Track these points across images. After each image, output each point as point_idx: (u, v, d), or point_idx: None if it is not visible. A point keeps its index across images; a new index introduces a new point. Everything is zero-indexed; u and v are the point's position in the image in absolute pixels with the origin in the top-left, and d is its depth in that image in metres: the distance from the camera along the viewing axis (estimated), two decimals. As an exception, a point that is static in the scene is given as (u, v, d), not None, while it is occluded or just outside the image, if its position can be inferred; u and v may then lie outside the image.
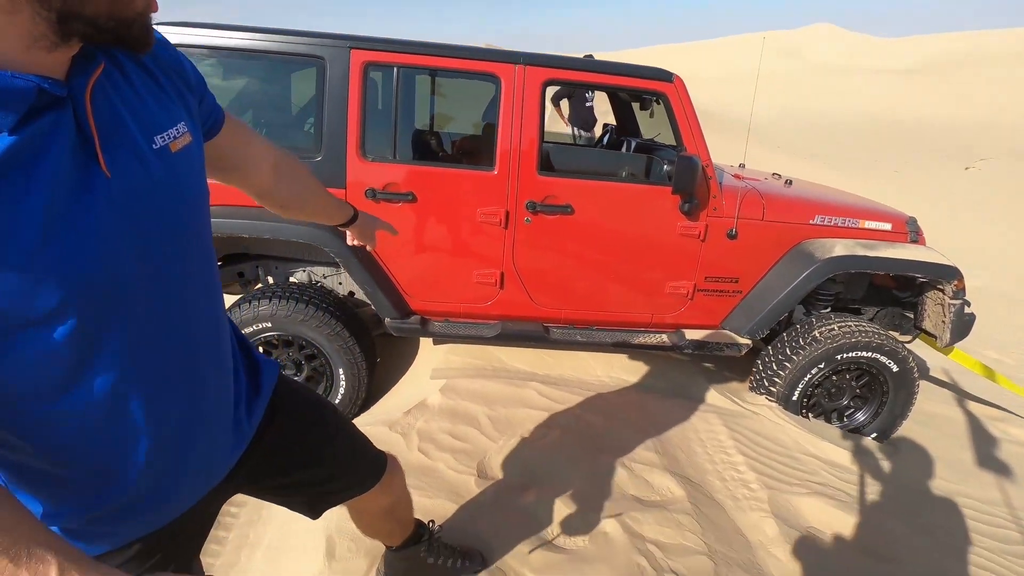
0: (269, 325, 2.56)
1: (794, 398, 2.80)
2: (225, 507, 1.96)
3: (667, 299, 2.79)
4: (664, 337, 2.85)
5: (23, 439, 0.66)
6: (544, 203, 2.58)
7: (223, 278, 2.83)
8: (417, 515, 1.47)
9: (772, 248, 2.78)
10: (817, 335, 2.74)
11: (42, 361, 0.61)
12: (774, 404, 2.83)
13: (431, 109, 3.86)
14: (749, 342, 2.81)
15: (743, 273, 2.79)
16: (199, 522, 0.94)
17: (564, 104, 6.17)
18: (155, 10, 0.63)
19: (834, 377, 2.86)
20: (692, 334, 2.85)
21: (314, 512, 1.18)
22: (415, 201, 2.55)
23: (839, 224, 2.81)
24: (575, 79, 2.56)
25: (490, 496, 1.84)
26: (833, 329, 2.73)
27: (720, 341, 2.81)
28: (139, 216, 0.67)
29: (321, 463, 1.11)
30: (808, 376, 2.76)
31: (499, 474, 1.97)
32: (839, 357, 2.71)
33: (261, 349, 2.68)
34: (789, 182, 3.19)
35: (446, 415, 2.30)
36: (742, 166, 3.66)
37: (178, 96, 0.77)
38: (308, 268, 2.87)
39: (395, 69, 2.49)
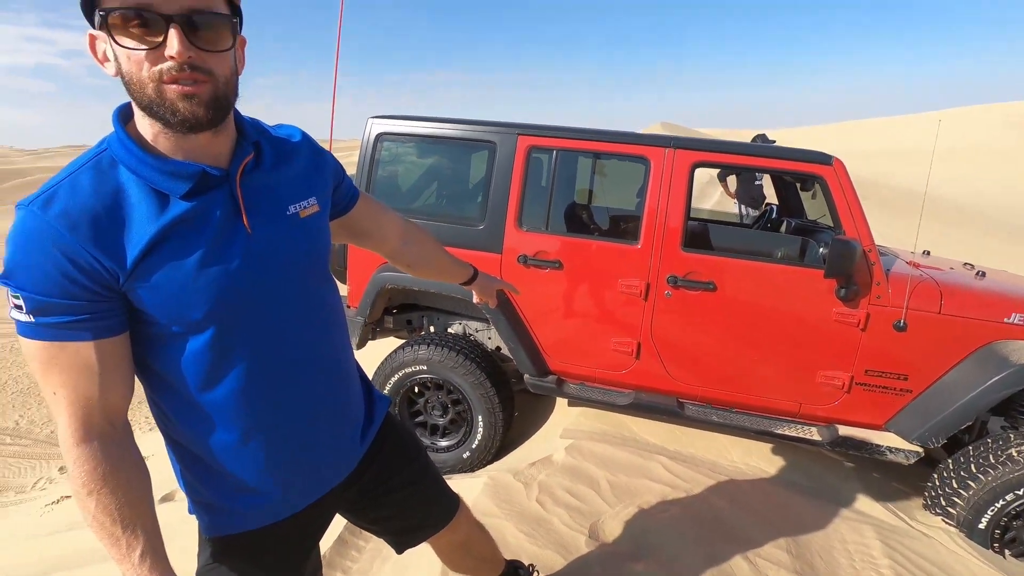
0: (424, 368, 2.92)
1: (981, 526, 2.36)
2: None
3: (819, 389, 2.60)
4: (814, 431, 2.63)
5: (176, 418, 0.95)
6: (686, 278, 2.63)
7: (396, 324, 3.31)
8: (523, 559, 1.57)
9: (953, 346, 2.46)
10: (1015, 454, 2.31)
11: (190, 358, 0.90)
12: (953, 529, 2.41)
13: (589, 185, 4.15)
14: (920, 450, 2.47)
15: (914, 370, 2.50)
16: (306, 531, 1.12)
17: (731, 180, 6.10)
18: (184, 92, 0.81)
19: (1042, 510, 2.36)
20: (848, 431, 2.59)
21: (399, 546, 1.35)
22: (561, 268, 2.77)
23: (1048, 326, 2.41)
24: (725, 162, 2.63)
25: (597, 557, 1.86)
26: (1038, 450, 2.29)
27: (882, 444, 2.51)
28: (269, 261, 0.94)
29: (410, 498, 1.29)
30: (1001, 502, 2.32)
31: (610, 538, 1.99)
32: (1046, 485, 2.25)
33: (416, 389, 3.05)
34: (982, 274, 2.81)
35: (568, 473, 2.39)
36: (926, 253, 3.30)
37: (314, 178, 1.06)
38: (464, 322, 3.23)
39: (554, 152, 2.81)
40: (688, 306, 2.66)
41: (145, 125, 0.84)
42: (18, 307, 0.80)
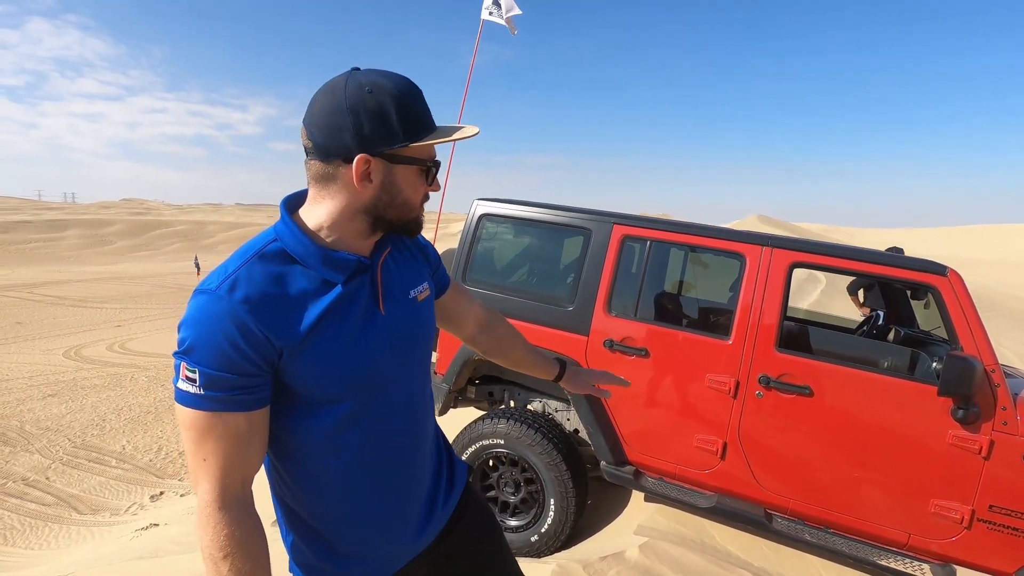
0: (502, 442, 2.94)
1: None
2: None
3: (931, 521, 2.33)
4: (926, 568, 2.34)
5: (295, 483, 1.04)
6: (779, 380, 2.53)
7: (478, 395, 3.39)
8: None
9: (1099, 489, 2.15)
10: None
11: (320, 428, 0.99)
12: None
13: (680, 277, 4.15)
14: (1060, 610, 2.12)
15: (1050, 513, 2.19)
16: None
17: (860, 293, 5.88)
18: (437, 189, 1.06)
19: None
20: (968, 575, 2.28)
21: None
22: (647, 357, 2.76)
23: None
24: (825, 264, 2.57)
25: (669, 674, 1.73)
26: None
27: (1012, 596, 2.18)
28: (398, 339, 1.06)
29: (484, 569, 1.30)
30: None
31: (684, 655, 1.84)
32: None
33: (491, 463, 3.06)
34: None
35: (640, 572, 2.26)
36: (1064, 379, 2.96)
37: (424, 265, 1.21)
38: (544, 400, 3.25)
39: (648, 242, 2.88)
40: (781, 409, 2.54)
41: (315, 216, 0.99)
42: (191, 380, 0.88)
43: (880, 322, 3.53)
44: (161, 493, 10.11)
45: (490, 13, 5.37)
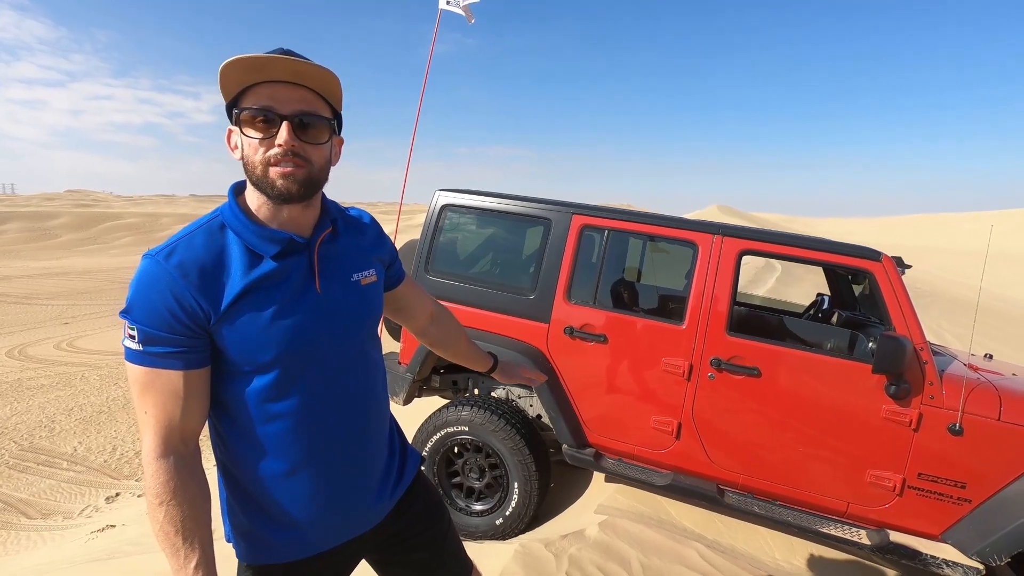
0: (466, 429, 2.99)
1: (1053, 662, 2.16)
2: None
3: (868, 490, 2.51)
4: (863, 534, 2.51)
5: (233, 445, 1.08)
6: (730, 362, 2.65)
7: (443, 384, 3.43)
8: None
9: (1014, 456, 2.35)
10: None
11: (254, 394, 1.04)
12: (1021, 662, 2.21)
13: (638, 265, 4.27)
14: (980, 567, 2.31)
15: (972, 478, 2.38)
16: (334, 570, 1.20)
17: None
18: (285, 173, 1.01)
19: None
20: (900, 538, 2.46)
21: None
22: (606, 343, 2.85)
23: (1122, 443, 2.27)
24: (772, 251, 2.70)
25: (625, 640, 1.83)
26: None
27: (938, 556, 2.37)
28: (332, 318, 1.10)
29: (430, 560, 1.36)
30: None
31: (639, 623, 1.94)
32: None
33: (455, 450, 3.12)
34: (1049, 382, 2.70)
35: (600, 549, 2.36)
36: (988, 356, 3.19)
37: (374, 254, 1.25)
38: (507, 388, 3.31)
39: (606, 232, 2.96)
40: (731, 390, 2.67)
41: (253, 197, 1.06)
42: (132, 337, 0.97)
43: (825, 306, 3.72)
44: (117, 494, 9.79)
45: (447, 2, 5.28)
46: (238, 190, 1.08)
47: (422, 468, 1.42)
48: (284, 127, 0.98)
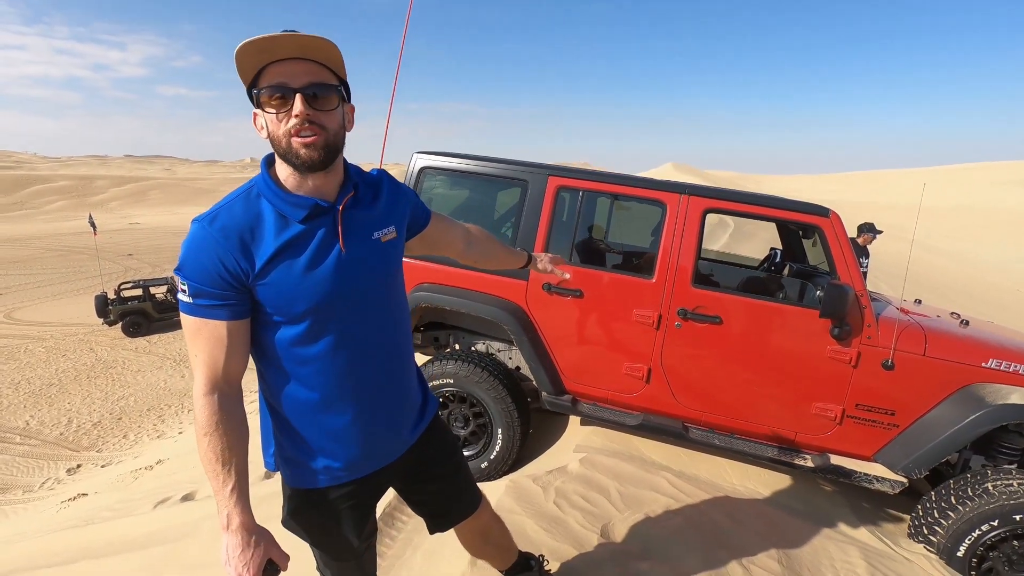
0: (451, 382, 3.17)
1: (959, 554, 2.57)
2: (396, 515, 2.49)
3: (813, 420, 2.84)
4: (808, 458, 2.86)
5: (275, 384, 1.24)
6: (695, 311, 2.90)
7: (424, 340, 3.58)
8: (542, 552, 1.77)
9: (934, 386, 2.71)
10: (990, 487, 2.54)
11: (290, 339, 1.20)
12: (934, 556, 2.61)
13: (607, 223, 4.47)
14: (905, 480, 2.69)
15: (900, 407, 2.74)
16: (366, 495, 1.38)
17: (863, 236, 6.29)
18: (304, 143, 1.12)
19: (1016, 543, 2.57)
20: (839, 461, 2.82)
21: (432, 528, 1.61)
22: (581, 297, 3.05)
23: (1021, 371, 2.66)
24: (734, 209, 2.93)
25: (608, 554, 2.08)
26: (1012, 485, 2.51)
27: (870, 473, 2.74)
28: (356, 273, 1.24)
29: (445, 488, 1.56)
30: (977, 532, 2.53)
31: (619, 539, 2.21)
32: (1017, 517, 2.46)
33: (441, 401, 3.30)
34: (966, 322, 3.08)
35: (581, 481, 2.62)
36: (918, 302, 3.57)
37: (394, 210, 1.37)
38: (487, 342, 3.49)
39: (580, 192, 3.13)
40: (696, 337, 2.93)
41: (282, 168, 1.18)
42: (183, 291, 1.12)
43: (778, 259, 4.03)
44: (78, 466, 9.66)
45: None
46: (270, 162, 1.20)
47: (439, 413, 1.59)
48: (298, 99, 1.09)
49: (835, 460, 2.82)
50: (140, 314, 17.09)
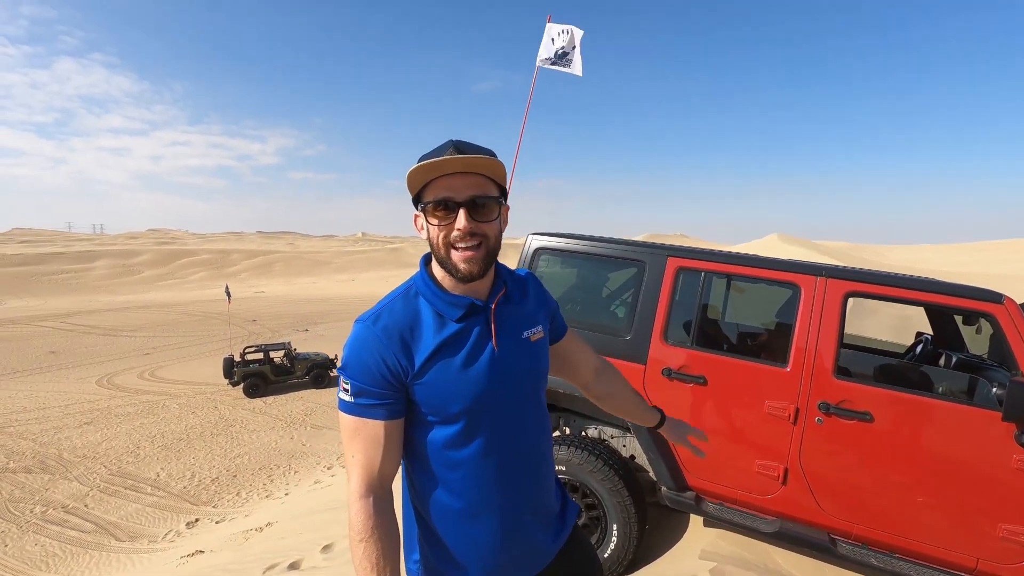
0: (563, 468, 3.03)
1: None
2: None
3: (999, 545, 2.36)
4: (996, 593, 2.36)
5: (422, 488, 1.20)
6: (839, 406, 2.59)
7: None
8: None
9: None
10: None
11: (442, 442, 1.18)
12: None
13: (723, 303, 4.24)
14: None
15: (1123, 537, 2.22)
16: None
17: None
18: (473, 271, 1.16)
19: None
20: (1040, 600, 2.30)
21: None
22: (705, 384, 2.85)
23: None
24: (881, 293, 2.65)
25: None
26: None
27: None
28: (508, 373, 1.21)
29: None
30: None
31: None
32: None
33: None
34: None
35: (714, 598, 2.32)
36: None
37: (541, 311, 1.36)
38: (600, 426, 3.33)
39: (702, 273, 2.99)
40: (841, 435, 2.60)
41: (438, 270, 1.21)
42: (345, 390, 1.15)
43: (929, 347, 3.57)
44: (196, 520, 10.26)
45: (551, 63, 5.37)
46: (427, 261, 1.25)
47: (578, 522, 1.49)
48: (462, 214, 1.13)
49: (1035, 599, 2.30)
50: (259, 376, 18.51)
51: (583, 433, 3.37)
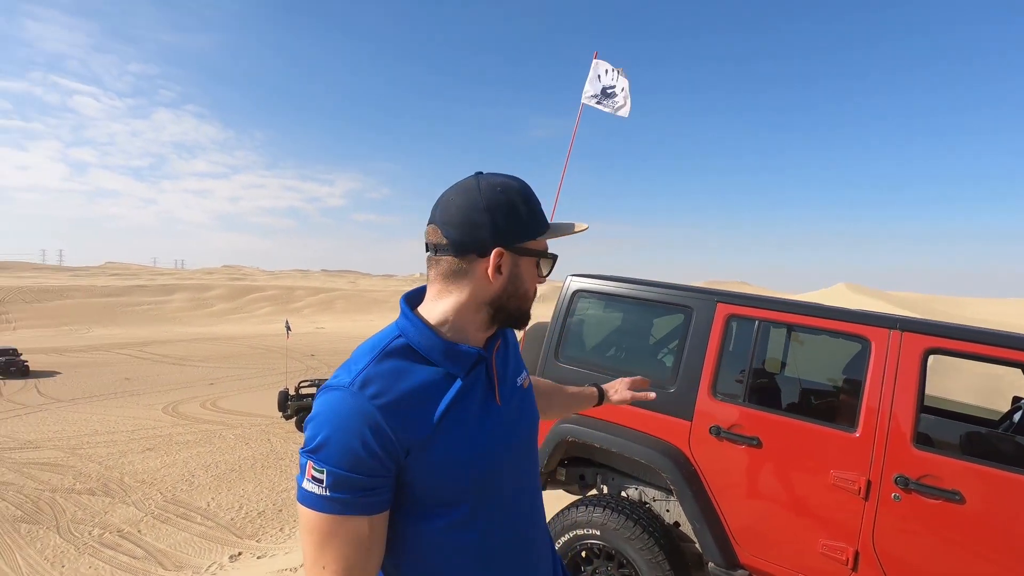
0: (598, 533, 2.75)
1: None
2: None
3: None
4: None
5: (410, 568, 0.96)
6: (920, 481, 2.23)
7: (569, 477, 3.23)
8: None
9: None
10: None
11: (437, 528, 0.93)
12: None
13: (782, 356, 3.88)
14: None
15: None
16: None
17: None
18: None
19: None
20: None
21: None
22: (760, 447, 2.54)
23: None
24: (967, 351, 2.30)
25: None
26: None
27: None
28: (514, 430, 1.04)
29: None
30: None
31: None
32: None
33: (583, 554, 2.86)
34: None
35: None
36: None
37: (516, 348, 1.19)
38: (641, 487, 3.04)
39: (756, 322, 2.72)
40: (924, 515, 2.22)
41: (433, 313, 0.99)
42: (318, 480, 0.84)
43: (1029, 414, 3.09)
44: (239, 553, 10.30)
45: (597, 102, 5.26)
46: (412, 302, 1.04)
47: None
48: (552, 265, 1.08)
49: None
50: (310, 411, 18.89)
51: (622, 494, 3.08)
